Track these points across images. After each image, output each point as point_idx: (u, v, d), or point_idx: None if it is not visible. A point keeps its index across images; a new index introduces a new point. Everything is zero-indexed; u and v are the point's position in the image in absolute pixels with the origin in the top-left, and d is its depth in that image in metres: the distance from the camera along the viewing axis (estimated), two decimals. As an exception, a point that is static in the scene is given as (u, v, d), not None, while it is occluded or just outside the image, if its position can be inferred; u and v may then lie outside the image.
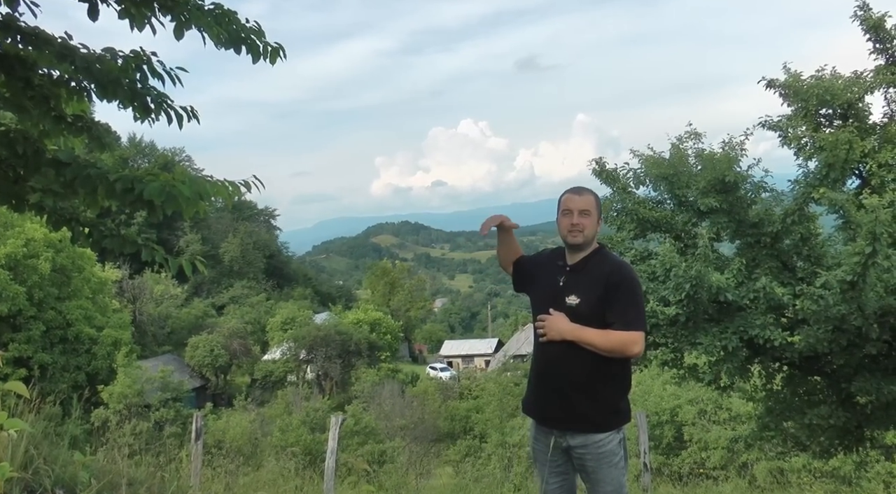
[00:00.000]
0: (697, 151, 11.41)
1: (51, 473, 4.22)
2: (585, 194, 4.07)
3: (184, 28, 4.89)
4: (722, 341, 9.96)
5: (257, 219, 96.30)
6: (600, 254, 4.12)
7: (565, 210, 4.06)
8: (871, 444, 11.88)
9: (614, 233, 12.19)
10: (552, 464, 4.13)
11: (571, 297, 3.95)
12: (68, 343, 39.35)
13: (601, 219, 4.13)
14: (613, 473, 4.01)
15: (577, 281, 4.00)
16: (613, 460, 4.00)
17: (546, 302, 4.06)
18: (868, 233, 8.54)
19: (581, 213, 4.01)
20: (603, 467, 3.99)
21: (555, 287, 4.05)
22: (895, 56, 12.28)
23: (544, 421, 4.16)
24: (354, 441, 24.42)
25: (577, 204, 4.04)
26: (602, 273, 3.99)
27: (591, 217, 4.02)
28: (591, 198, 4.06)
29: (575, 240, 4.02)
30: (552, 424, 4.10)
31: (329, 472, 8.52)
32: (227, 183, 4.66)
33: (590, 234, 4.02)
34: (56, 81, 4.94)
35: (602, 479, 4.01)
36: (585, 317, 3.91)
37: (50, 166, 4.66)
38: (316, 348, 50.86)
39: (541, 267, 4.28)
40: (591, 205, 4.05)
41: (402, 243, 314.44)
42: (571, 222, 4.01)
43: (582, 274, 4.02)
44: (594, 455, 3.99)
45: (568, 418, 4.02)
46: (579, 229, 4.00)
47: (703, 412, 24.45)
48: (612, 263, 4.07)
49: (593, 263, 4.05)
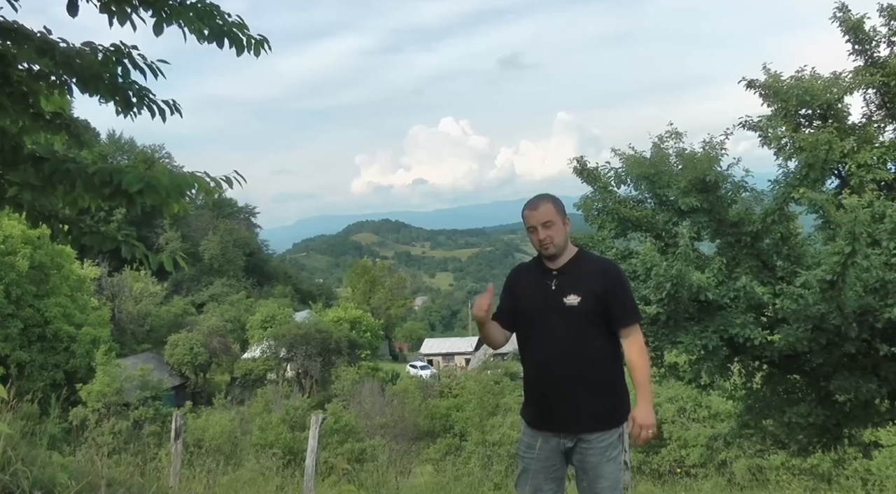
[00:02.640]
0: (678, 151, 11.44)
1: (29, 474, 4.17)
2: (542, 205, 4.08)
3: (164, 24, 4.85)
4: (702, 340, 9.99)
5: (237, 216, 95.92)
6: (583, 255, 4.16)
7: (529, 227, 4.09)
8: (849, 442, 11.96)
9: (595, 231, 12.22)
10: (549, 470, 4.10)
11: (570, 297, 3.96)
12: (46, 341, 39.04)
13: (567, 218, 4.13)
14: (612, 467, 4.02)
15: (571, 282, 4.02)
16: (613, 453, 4.03)
17: (541, 306, 4.06)
18: (847, 232, 8.59)
19: (545, 226, 4.02)
20: (603, 462, 4.00)
21: (547, 290, 4.05)
22: (874, 57, 12.37)
23: (557, 428, 4.09)
24: (334, 439, 24.34)
25: (538, 218, 4.05)
26: (594, 272, 4.04)
27: (556, 224, 4.04)
28: (548, 207, 4.06)
29: (548, 251, 4.05)
30: (566, 428, 4.06)
31: (309, 471, 8.48)
32: (209, 177, 4.63)
33: (560, 241, 4.05)
34: (35, 76, 4.89)
35: (601, 474, 4.01)
36: (584, 315, 3.96)
37: (28, 162, 4.61)
38: (296, 346, 50.70)
39: (521, 280, 4.27)
40: (551, 213, 4.05)
41: (383, 241, 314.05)
42: (539, 238, 4.03)
43: (573, 276, 4.04)
44: (597, 450, 3.99)
45: (586, 417, 4.02)
46: (549, 241, 4.02)
47: (682, 410, 24.55)
48: (598, 262, 4.19)
49: (580, 264, 4.08)
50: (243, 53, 5.12)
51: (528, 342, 4.16)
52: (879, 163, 12.09)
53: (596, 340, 4.00)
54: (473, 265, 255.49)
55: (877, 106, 12.77)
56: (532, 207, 4.08)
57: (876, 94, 12.61)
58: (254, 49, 5.18)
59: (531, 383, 4.19)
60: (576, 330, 3.97)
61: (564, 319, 3.98)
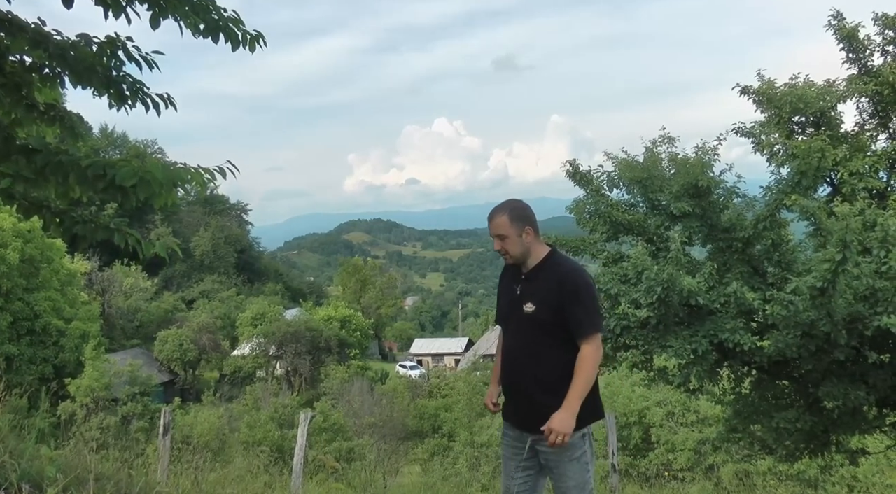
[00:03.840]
0: (671, 155, 11.44)
1: (17, 467, 4.18)
2: (495, 218, 4.22)
3: (160, 17, 4.84)
4: (692, 344, 9.99)
5: (229, 213, 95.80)
6: (552, 260, 4.25)
7: (490, 237, 4.30)
8: (836, 448, 11.99)
9: (587, 234, 12.22)
10: (519, 459, 4.25)
11: (528, 305, 4.11)
12: (35, 335, 38.98)
13: (525, 227, 4.20)
14: (575, 468, 4.11)
15: (532, 289, 4.16)
16: (575, 454, 4.10)
17: (506, 309, 4.28)
18: (839, 240, 8.61)
19: (499, 238, 4.19)
20: (564, 461, 4.10)
21: (513, 295, 4.23)
22: (868, 66, 12.41)
23: (513, 423, 4.30)
24: (323, 438, 24.34)
25: (492, 230, 4.23)
26: (555, 279, 4.13)
27: (509, 236, 4.17)
28: (500, 220, 4.19)
29: (507, 261, 4.25)
30: (519, 425, 4.25)
31: (297, 469, 8.49)
32: (202, 169, 4.62)
33: (515, 252, 4.18)
34: (29, 67, 4.88)
35: (564, 473, 4.11)
36: (539, 323, 4.09)
37: (20, 153, 4.60)
38: (286, 344, 50.71)
39: (503, 282, 4.45)
40: (503, 226, 4.18)
41: (375, 240, 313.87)
42: (496, 249, 4.22)
43: (535, 282, 4.17)
44: (556, 450, 4.06)
45: (532, 418, 4.11)
46: (504, 252, 4.19)
47: (671, 414, 24.59)
48: (563, 270, 4.20)
49: (546, 270, 4.19)
50: (239, 48, 5.12)
51: (502, 339, 4.38)
52: (871, 172, 12.12)
53: (550, 346, 4.11)
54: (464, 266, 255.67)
55: (869, 115, 12.80)
56: (489, 219, 4.26)
57: (869, 103, 12.64)
58: (249, 44, 5.17)
59: (501, 376, 4.38)
60: (531, 335, 4.13)
61: (523, 325, 4.15)
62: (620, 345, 11.08)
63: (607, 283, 10.64)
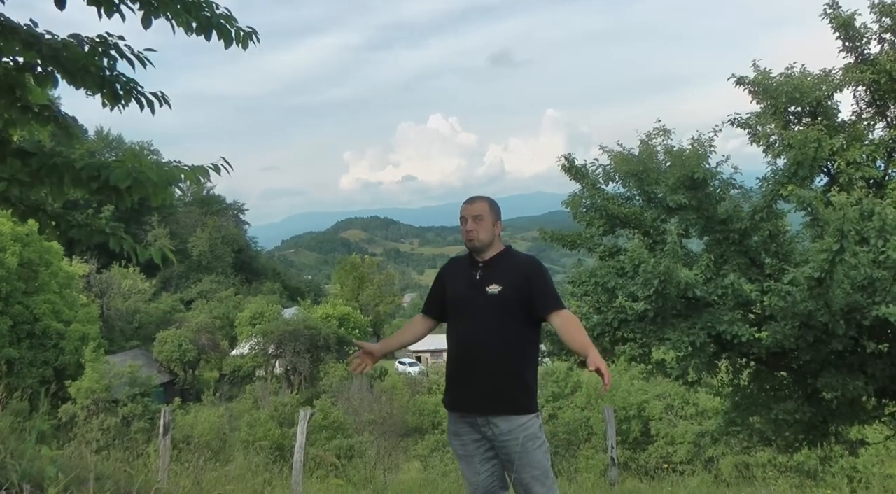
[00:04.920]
0: (666, 148, 11.44)
1: (18, 468, 4.20)
2: (477, 202, 4.38)
3: (151, 16, 4.82)
4: (690, 337, 9.99)
5: (226, 213, 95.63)
6: (509, 253, 4.40)
7: (461, 218, 4.36)
8: (835, 439, 11.99)
9: (584, 229, 12.21)
10: (480, 451, 4.27)
11: (492, 286, 4.20)
12: (35, 338, 39.03)
13: (499, 222, 4.37)
14: (538, 456, 4.16)
15: (494, 273, 4.26)
16: (537, 443, 4.16)
17: (465, 293, 4.32)
18: (836, 230, 8.60)
19: (474, 219, 4.30)
20: (528, 450, 4.12)
21: (472, 280, 4.30)
22: (864, 54, 12.39)
23: (469, 408, 4.26)
24: (323, 435, 24.36)
25: (469, 211, 4.34)
26: (515, 265, 4.30)
27: (485, 221, 4.30)
28: (482, 205, 4.36)
29: (471, 244, 4.31)
30: (477, 409, 4.22)
31: (297, 466, 8.48)
32: (195, 168, 4.61)
33: (485, 237, 4.29)
34: (22, 67, 4.85)
35: (529, 462, 4.13)
36: (504, 302, 4.18)
37: (15, 156, 4.58)
38: (284, 343, 50.65)
39: (452, 271, 4.55)
40: (484, 210, 4.33)
41: (372, 238, 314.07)
42: (466, 229, 4.31)
43: (496, 268, 4.28)
44: (519, 439, 4.11)
45: (493, 399, 4.15)
46: (474, 233, 4.27)
47: (670, 407, 24.63)
48: (522, 258, 4.40)
49: (505, 259, 4.34)
50: (231, 46, 5.09)
51: (451, 326, 4.39)
52: (868, 161, 12.12)
53: (511, 327, 4.20)
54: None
55: (867, 103, 12.80)
56: (469, 202, 4.40)
57: (866, 92, 12.64)
58: (242, 42, 5.14)
59: (449, 364, 4.41)
60: (493, 315, 4.19)
61: (485, 305, 4.20)
62: (618, 339, 11.08)
63: (604, 277, 10.63)
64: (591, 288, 10.89)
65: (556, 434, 24.71)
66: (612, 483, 8.68)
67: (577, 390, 31.00)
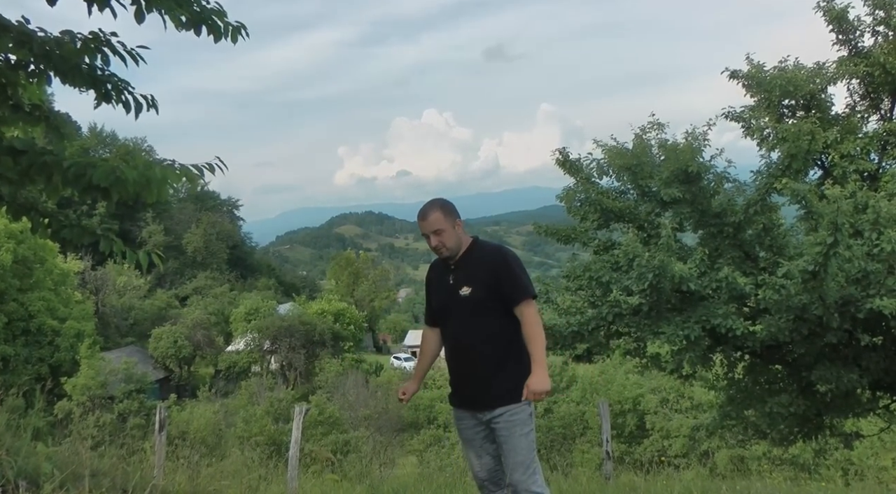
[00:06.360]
0: (660, 142, 11.43)
1: (14, 464, 4.22)
2: (430, 215, 4.38)
3: (145, 11, 4.78)
4: (684, 330, 10.00)
5: (220, 209, 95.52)
6: (476, 247, 4.46)
7: (423, 235, 4.43)
8: (830, 432, 12.01)
9: (578, 223, 12.20)
10: (479, 436, 4.42)
11: (463, 289, 4.33)
12: (31, 335, 39.05)
13: (457, 220, 4.41)
14: (524, 442, 4.26)
15: (464, 274, 4.36)
16: (524, 430, 4.26)
17: (444, 299, 4.47)
18: (830, 223, 8.60)
19: (435, 234, 4.36)
20: (515, 436, 4.24)
21: (447, 285, 4.43)
22: (858, 47, 12.39)
23: (469, 407, 4.44)
24: (318, 431, 24.32)
25: (427, 228, 4.39)
26: (483, 261, 4.37)
27: (445, 230, 4.36)
28: (436, 216, 4.37)
29: (443, 256, 4.42)
30: (471, 406, 4.41)
31: (293, 462, 8.46)
32: (187, 167, 4.57)
33: (452, 245, 4.37)
34: (13, 66, 4.82)
35: (514, 448, 4.24)
36: (477, 303, 4.30)
37: (6, 154, 4.55)
38: (280, 339, 50.66)
39: (433, 278, 4.67)
40: (439, 221, 4.36)
41: (366, 233, 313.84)
42: (432, 245, 4.39)
43: (465, 268, 4.38)
44: (508, 424, 4.25)
45: (487, 396, 4.30)
46: (441, 246, 4.36)
47: (665, 401, 24.65)
48: (489, 249, 4.46)
49: (473, 256, 4.42)
50: (221, 40, 5.06)
51: (443, 332, 4.59)
52: (862, 154, 12.13)
53: (490, 325, 4.32)
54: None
55: (860, 96, 12.79)
56: (422, 218, 4.41)
57: (860, 85, 12.64)
58: (231, 36, 5.11)
59: (448, 368, 4.60)
60: (470, 317, 4.34)
61: (461, 309, 4.34)
62: (613, 333, 11.08)
63: (599, 271, 10.63)
64: (585, 283, 10.90)
65: (551, 428, 24.72)
66: (608, 478, 8.68)
67: (573, 384, 31.10)
